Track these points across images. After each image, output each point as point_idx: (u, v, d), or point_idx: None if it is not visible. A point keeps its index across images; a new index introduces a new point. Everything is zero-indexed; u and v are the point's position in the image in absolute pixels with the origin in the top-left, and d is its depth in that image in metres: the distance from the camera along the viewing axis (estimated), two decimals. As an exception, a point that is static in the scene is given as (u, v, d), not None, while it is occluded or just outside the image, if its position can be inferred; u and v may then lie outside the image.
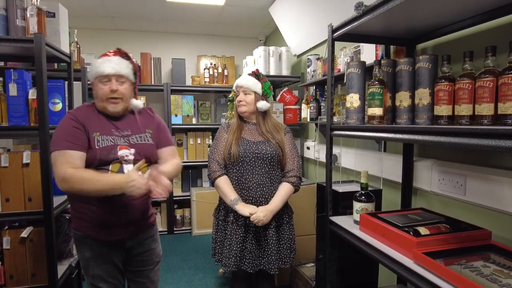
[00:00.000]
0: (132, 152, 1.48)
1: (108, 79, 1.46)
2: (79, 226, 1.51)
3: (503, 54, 1.06)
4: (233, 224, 1.79)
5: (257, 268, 1.80)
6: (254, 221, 1.71)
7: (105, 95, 1.47)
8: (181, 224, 4.06)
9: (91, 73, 1.49)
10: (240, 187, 1.80)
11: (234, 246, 1.76)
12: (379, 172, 1.98)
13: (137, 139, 1.54)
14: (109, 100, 1.48)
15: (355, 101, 1.50)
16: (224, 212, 1.86)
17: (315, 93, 2.83)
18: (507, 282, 0.92)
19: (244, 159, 1.78)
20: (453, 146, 0.97)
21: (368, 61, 1.66)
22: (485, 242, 1.19)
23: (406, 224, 1.29)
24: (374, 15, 1.27)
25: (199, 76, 4.16)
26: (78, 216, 1.50)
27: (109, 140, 1.47)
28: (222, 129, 1.92)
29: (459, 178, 1.45)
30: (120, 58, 1.52)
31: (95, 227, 1.48)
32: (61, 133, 1.42)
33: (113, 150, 1.45)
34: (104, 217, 1.46)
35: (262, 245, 1.81)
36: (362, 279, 1.84)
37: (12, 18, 1.70)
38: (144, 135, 1.57)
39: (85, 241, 1.50)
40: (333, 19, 1.69)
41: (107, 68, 1.46)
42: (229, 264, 1.76)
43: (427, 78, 1.25)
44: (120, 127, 1.53)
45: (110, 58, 1.50)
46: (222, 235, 1.86)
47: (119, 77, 1.49)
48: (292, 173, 1.84)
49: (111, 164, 1.45)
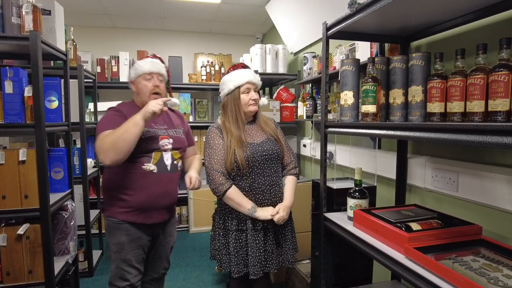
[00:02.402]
0: (171, 142, 1.70)
1: (151, 77, 1.69)
2: (115, 214, 1.66)
3: (494, 52, 1.07)
4: (253, 231, 1.67)
5: (278, 266, 1.72)
6: (279, 221, 1.65)
7: (149, 91, 1.67)
8: (178, 221, 4.06)
9: (135, 71, 1.70)
10: (254, 192, 1.67)
11: (257, 253, 1.66)
12: (374, 169, 2.00)
13: (173, 133, 1.76)
14: (152, 96, 1.67)
15: (349, 98, 1.51)
16: (236, 221, 1.69)
17: (312, 91, 2.84)
18: (494, 276, 0.94)
19: (253, 164, 1.65)
20: (444, 142, 0.98)
21: (363, 59, 1.68)
22: (476, 237, 1.21)
23: (399, 220, 1.30)
24: (368, 13, 1.28)
25: (196, 74, 4.16)
26: (116, 204, 1.66)
27: (151, 131, 1.66)
28: (215, 134, 1.71)
29: (452, 174, 1.47)
30: (159, 61, 1.75)
31: (134, 211, 1.64)
32: (105, 121, 1.62)
33: (156, 140, 1.66)
34: (144, 201, 1.63)
35: (280, 242, 1.76)
36: (357, 275, 1.86)
37: (7, 15, 1.70)
38: (178, 130, 1.81)
39: (121, 226, 1.65)
40: (329, 17, 1.70)
41: (152, 67, 1.69)
42: (257, 272, 1.65)
43: (420, 75, 1.26)
44: (158, 121, 1.73)
45: (153, 60, 1.73)
46: (242, 245, 1.69)
47: (159, 76, 1.71)
48: (292, 164, 1.82)
49: (153, 152, 1.64)
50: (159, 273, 1.87)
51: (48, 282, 1.80)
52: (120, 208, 1.65)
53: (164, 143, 1.66)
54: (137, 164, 1.62)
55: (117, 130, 1.50)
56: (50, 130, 1.94)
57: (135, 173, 1.62)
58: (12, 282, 1.81)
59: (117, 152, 1.48)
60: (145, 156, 1.63)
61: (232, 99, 1.72)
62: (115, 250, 1.67)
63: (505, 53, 0.95)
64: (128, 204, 1.64)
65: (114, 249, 1.67)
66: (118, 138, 1.47)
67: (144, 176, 1.63)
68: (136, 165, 1.62)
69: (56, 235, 2.07)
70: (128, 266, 1.66)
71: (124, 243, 1.65)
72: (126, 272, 1.66)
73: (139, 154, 1.60)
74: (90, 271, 2.86)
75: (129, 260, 1.66)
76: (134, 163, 1.61)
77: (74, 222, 2.19)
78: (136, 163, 1.62)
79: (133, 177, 1.63)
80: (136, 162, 1.62)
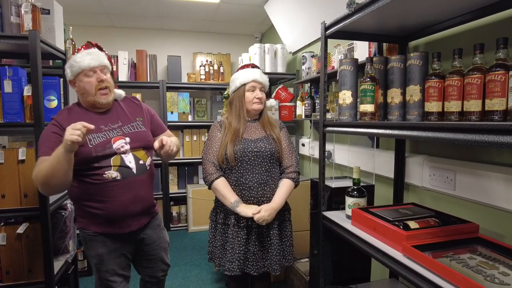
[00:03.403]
0: (128, 141, 1.50)
1: (93, 71, 1.47)
2: (88, 225, 1.53)
3: (491, 52, 1.08)
4: (235, 227, 1.71)
5: (260, 270, 1.73)
6: (259, 221, 1.64)
7: (94, 87, 1.47)
8: (177, 221, 4.07)
9: (71, 70, 1.47)
10: (240, 187, 1.71)
11: (237, 250, 1.69)
12: (372, 168, 2.01)
13: (130, 128, 1.56)
14: (99, 92, 1.48)
15: (348, 97, 1.52)
16: (223, 215, 1.76)
17: (310, 90, 2.85)
18: (491, 273, 0.95)
19: (243, 159, 1.69)
20: (442, 141, 0.99)
21: (362, 58, 1.69)
22: (472, 235, 1.22)
23: (397, 218, 1.31)
24: (366, 13, 1.29)
25: (195, 73, 4.16)
26: (86, 216, 1.52)
27: (101, 135, 1.48)
28: (215, 128, 1.80)
29: (449, 173, 1.48)
30: (97, 50, 1.52)
31: (106, 223, 1.51)
32: (42, 139, 1.45)
33: (108, 144, 1.47)
34: (114, 211, 1.49)
35: (265, 246, 1.75)
36: (355, 274, 1.87)
37: (6, 15, 1.70)
38: (135, 124, 1.59)
39: (97, 238, 1.53)
40: (328, 16, 1.71)
41: (91, 60, 1.46)
42: (232, 268, 1.69)
43: (418, 75, 1.27)
44: (110, 120, 1.54)
45: (90, 51, 1.49)
46: (222, 239, 1.76)
47: (103, 68, 1.50)
48: (291, 168, 1.78)
49: (111, 159, 1.47)
50: (158, 277, 1.76)
51: (48, 281, 1.80)
52: (92, 220, 1.51)
53: (118, 145, 1.46)
54: (97, 174, 1.45)
55: (44, 166, 1.32)
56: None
57: (98, 184, 1.46)
58: (12, 281, 1.81)
59: (54, 189, 1.39)
60: (103, 165, 1.45)
61: (238, 96, 1.78)
62: (96, 262, 1.55)
63: (501, 53, 0.96)
64: (99, 217, 1.50)
65: (94, 261, 1.56)
66: (47, 177, 1.32)
67: (108, 185, 1.46)
68: (96, 176, 1.45)
69: (56, 234, 2.07)
70: (112, 275, 1.55)
71: (103, 255, 1.53)
72: (112, 281, 1.56)
73: (95, 164, 1.44)
74: (89, 270, 2.86)
75: (112, 270, 1.55)
76: (94, 174, 1.45)
77: (73, 221, 2.20)
78: (96, 174, 1.45)
79: (97, 188, 1.46)
80: (95, 173, 1.45)
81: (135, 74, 3.84)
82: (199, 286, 2.67)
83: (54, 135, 1.43)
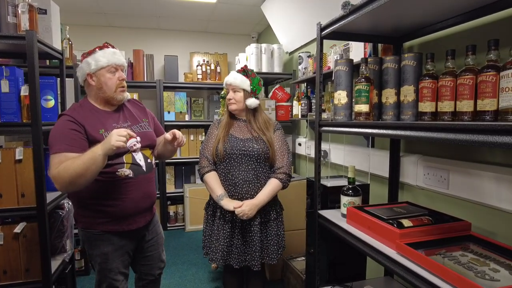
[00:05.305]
0: (139, 140, 1.52)
1: (116, 69, 1.56)
2: (93, 224, 1.54)
3: (483, 53, 1.10)
4: (220, 220, 1.83)
5: (242, 264, 1.82)
6: (239, 215, 1.72)
7: (115, 84, 1.55)
8: (174, 220, 4.08)
9: (97, 63, 1.51)
10: (228, 183, 1.82)
11: (222, 241, 1.80)
12: (367, 168, 2.03)
13: (139, 128, 1.64)
14: (119, 89, 1.57)
15: (343, 98, 1.54)
16: (212, 208, 1.89)
17: (306, 90, 2.87)
18: (482, 270, 0.97)
19: (231, 156, 1.80)
20: (435, 140, 1.01)
21: (357, 59, 1.70)
22: (465, 233, 1.24)
23: (391, 216, 1.33)
24: (361, 14, 1.30)
25: (192, 73, 4.17)
26: (93, 215, 1.53)
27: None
28: (213, 125, 1.95)
29: (443, 172, 1.50)
30: (119, 52, 1.62)
31: (115, 221, 1.54)
32: (59, 135, 1.44)
33: None
34: (126, 208, 1.54)
35: (247, 241, 1.82)
36: (351, 272, 1.89)
37: (3, 14, 1.70)
38: (143, 124, 1.68)
39: (103, 237, 1.55)
40: (323, 17, 1.72)
41: (119, 59, 1.56)
42: (216, 258, 1.81)
43: (412, 75, 1.29)
44: (120, 119, 1.61)
45: (114, 51, 1.58)
46: (210, 229, 1.89)
47: (123, 68, 1.61)
48: (282, 170, 1.82)
49: (123, 156, 1.52)
50: (155, 275, 1.80)
51: (45, 281, 1.80)
52: (99, 219, 1.53)
53: (131, 143, 1.46)
54: (110, 172, 1.49)
55: (76, 165, 1.33)
56: (47, 129, 1.93)
57: (111, 182, 1.50)
58: (9, 281, 1.82)
59: (77, 187, 1.39)
60: (116, 162, 1.50)
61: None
62: (100, 261, 1.57)
63: (493, 54, 0.98)
64: (108, 215, 1.53)
65: (98, 260, 1.57)
66: (77, 176, 1.33)
67: (121, 183, 1.52)
68: (109, 174, 1.49)
69: (53, 234, 2.08)
70: (116, 274, 1.59)
71: (108, 253, 1.56)
72: (115, 280, 1.59)
73: (109, 161, 1.46)
74: (86, 269, 2.87)
75: (116, 268, 1.59)
76: (106, 173, 1.48)
77: (70, 221, 2.20)
78: (109, 172, 1.49)
79: (110, 187, 1.50)
80: (108, 170, 1.48)
81: (132, 73, 3.84)
82: (196, 285, 2.69)
83: (72, 131, 1.44)
